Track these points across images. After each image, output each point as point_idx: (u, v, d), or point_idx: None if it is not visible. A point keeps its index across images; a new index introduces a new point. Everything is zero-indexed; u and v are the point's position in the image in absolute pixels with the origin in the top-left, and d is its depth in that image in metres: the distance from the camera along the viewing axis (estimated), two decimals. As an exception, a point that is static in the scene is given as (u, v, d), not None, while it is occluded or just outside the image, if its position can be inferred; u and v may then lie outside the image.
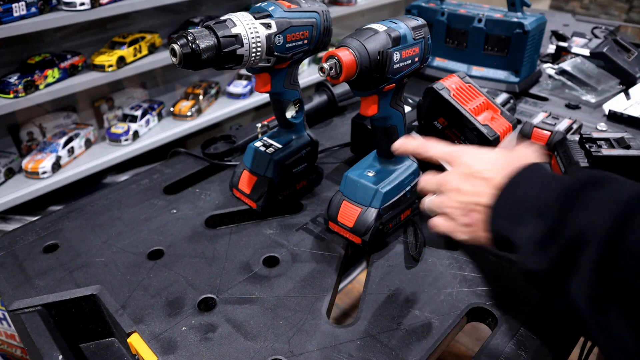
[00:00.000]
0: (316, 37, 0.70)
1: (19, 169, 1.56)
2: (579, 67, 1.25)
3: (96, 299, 0.63)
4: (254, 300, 0.62)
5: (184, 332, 0.57)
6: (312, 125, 1.07)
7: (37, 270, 0.67)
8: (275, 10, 0.64)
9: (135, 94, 1.93)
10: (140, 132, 1.77)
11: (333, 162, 0.93)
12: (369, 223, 0.67)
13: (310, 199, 0.82)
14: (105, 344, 0.65)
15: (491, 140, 0.72)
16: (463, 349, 1.70)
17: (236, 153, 0.96)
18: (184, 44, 0.55)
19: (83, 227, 0.75)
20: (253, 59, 0.61)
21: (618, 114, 1.07)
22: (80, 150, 1.66)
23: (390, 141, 0.68)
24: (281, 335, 0.57)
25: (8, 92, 1.38)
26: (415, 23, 0.62)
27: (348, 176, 0.70)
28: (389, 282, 0.65)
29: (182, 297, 0.62)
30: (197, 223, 0.76)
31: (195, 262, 0.68)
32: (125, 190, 0.84)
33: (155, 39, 1.76)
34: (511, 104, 1.00)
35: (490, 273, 0.66)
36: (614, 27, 1.66)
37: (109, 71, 1.59)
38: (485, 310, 0.61)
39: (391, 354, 0.55)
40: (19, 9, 1.33)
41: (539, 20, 1.15)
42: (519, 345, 0.56)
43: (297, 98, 0.75)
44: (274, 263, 0.68)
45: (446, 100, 0.73)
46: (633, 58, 1.25)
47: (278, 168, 0.75)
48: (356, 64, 0.55)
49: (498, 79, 1.19)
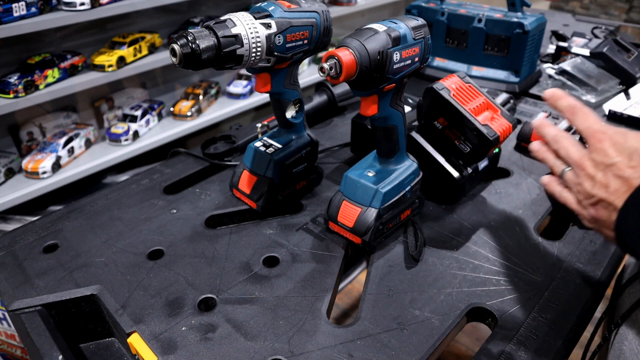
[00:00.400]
0: (316, 37, 0.69)
1: (19, 169, 1.56)
2: (579, 67, 1.25)
3: (96, 299, 0.63)
4: (254, 300, 0.62)
5: (184, 332, 0.57)
6: (312, 125, 1.07)
7: (37, 270, 0.67)
8: (275, 10, 0.64)
9: (135, 94, 1.93)
10: (140, 132, 1.77)
11: (333, 162, 0.93)
12: (369, 223, 0.67)
13: (310, 199, 0.82)
14: (105, 344, 0.65)
15: (491, 141, 0.72)
16: (463, 349, 1.70)
17: (236, 153, 0.96)
18: (184, 44, 0.55)
19: (83, 227, 0.75)
20: (253, 59, 0.61)
21: (618, 114, 1.07)
22: (80, 150, 1.66)
23: (391, 141, 0.68)
24: (281, 335, 0.57)
25: (8, 92, 1.38)
26: (415, 23, 0.62)
27: (348, 176, 0.70)
28: (389, 282, 0.65)
29: (182, 297, 0.62)
30: (197, 223, 0.76)
31: (195, 262, 0.68)
32: (125, 190, 0.84)
33: (155, 39, 1.76)
34: (511, 104, 1.00)
35: (490, 273, 0.66)
36: (614, 27, 1.66)
37: (109, 71, 1.59)
38: (485, 310, 0.61)
39: (391, 354, 0.55)
40: (19, 9, 1.33)
41: (539, 20, 1.15)
42: (519, 345, 0.56)
43: (297, 98, 0.75)
44: (274, 263, 0.68)
45: (446, 100, 0.73)
46: (633, 58, 1.25)
47: (278, 168, 0.75)
48: (356, 64, 0.55)
49: (498, 79, 1.19)
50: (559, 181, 0.58)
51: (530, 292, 0.63)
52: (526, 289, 0.63)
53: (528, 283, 0.64)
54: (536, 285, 0.64)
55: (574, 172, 0.55)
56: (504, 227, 0.75)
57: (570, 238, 0.73)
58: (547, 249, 0.70)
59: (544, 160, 0.60)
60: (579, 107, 0.55)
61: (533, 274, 0.66)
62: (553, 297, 0.62)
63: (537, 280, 0.65)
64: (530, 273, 0.66)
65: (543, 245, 0.71)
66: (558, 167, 0.58)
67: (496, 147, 0.80)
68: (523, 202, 0.81)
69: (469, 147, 0.75)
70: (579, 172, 0.54)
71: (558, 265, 0.67)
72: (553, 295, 0.63)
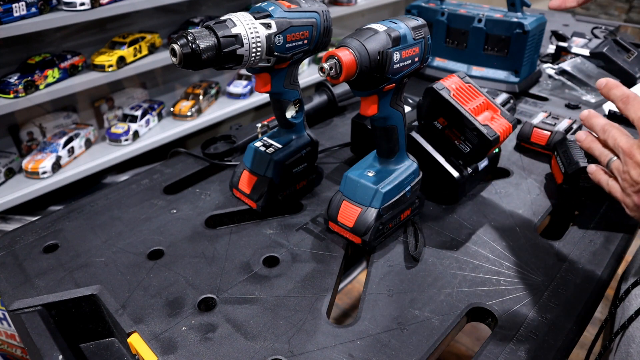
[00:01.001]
0: (316, 37, 0.70)
1: (19, 169, 1.56)
2: (579, 67, 1.25)
3: (96, 299, 0.63)
4: (254, 300, 0.62)
5: (184, 332, 0.57)
6: (312, 125, 1.07)
7: (37, 270, 0.67)
8: (275, 10, 0.64)
9: (135, 94, 1.93)
10: (140, 132, 1.77)
11: (333, 162, 0.93)
12: (369, 223, 0.67)
13: (310, 199, 0.82)
14: (105, 344, 0.65)
15: (491, 141, 0.72)
16: (463, 349, 1.70)
17: (236, 153, 0.96)
18: (184, 44, 0.55)
19: (83, 227, 0.75)
20: (253, 59, 0.61)
21: (618, 114, 1.07)
22: (80, 150, 1.66)
23: (391, 141, 0.68)
24: (281, 335, 0.57)
25: (8, 92, 1.38)
26: (415, 23, 0.62)
27: (348, 176, 0.70)
28: (389, 282, 0.65)
29: (182, 297, 0.62)
30: (197, 223, 0.76)
31: (195, 262, 0.68)
32: (125, 190, 0.84)
33: (155, 39, 1.76)
34: (511, 104, 1.00)
35: (490, 273, 0.66)
36: (614, 27, 1.66)
37: (109, 71, 1.59)
38: (485, 310, 0.61)
39: (391, 354, 0.55)
40: (19, 9, 1.33)
41: (539, 20, 1.15)
42: (519, 345, 0.56)
43: (297, 98, 0.75)
44: (274, 263, 0.68)
45: (446, 100, 0.73)
46: (633, 58, 1.25)
47: (278, 168, 0.75)
48: (356, 64, 0.55)
49: (498, 79, 1.19)
50: (604, 170, 0.61)
51: (530, 292, 0.63)
52: (526, 289, 0.63)
53: (528, 283, 0.64)
54: (536, 285, 0.64)
55: (620, 161, 0.57)
56: (504, 227, 0.75)
57: (570, 238, 0.73)
58: (547, 249, 0.70)
59: (590, 150, 0.61)
60: (632, 97, 0.57)
61: (533, 274, 0.66)
62: (553, 297, 0.62)
63: (537, 280, 0.65)
64: (530, 273, 0.66)
65: (543, 245, 0.71)
66: (605, 156, 0.60)
67: (496, 147, 0.80)
68: (523, 202, 0.81)
69: (469, 147, 0.75)
70: (627, 160, 0.55)
71: (558, 265, 0.67)
72: (553, 295, 0.63)
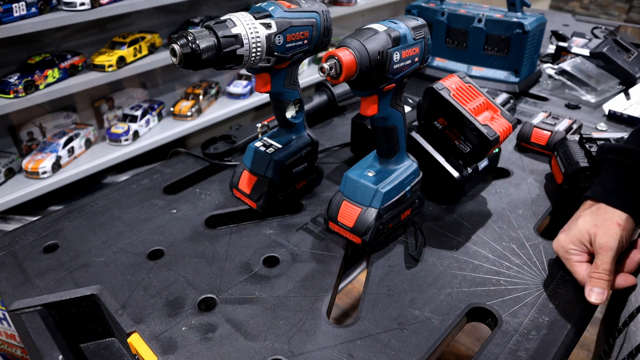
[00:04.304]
0: (316, 37, 0.70)
1: (19, 169, 1.56)
2: (579, 67, 1.25)
3: (96, 299, 0.63)
4: (254, 300, 0.62)
5: (184, 332, 0.57)
6: (312, 125, 1.07)
7: (37, 270, 0.67)
8: (275, 10, 0.64)
9: (135, 94, 1.93)
10: (140, 132, 1.77)
11: (333, 162, 0.93)
12: (369, 223, 0.67)
13: (310, 199, 0.82)
14: (105, 344, 0.65)
15: (491, 141, 0.72)
16: (463, 349, 1.70)
17: (236, 153, 0.96)
18: (184, 44, 0.55)
19: (83, 227, 0.75)
20: (253, 59, 0.61)
21: (618, 114, 1.07)
22: (80, 150, 1.66)
23: (391, 141, 0.68)
24: (281, 335, 0.57)
25: (8, 92, 1.38)
26: (415, 23, 0.62)
27: (348, 176, 0.70)
28: (389, 282, 0.65)
29: (182, 297, 0.62)
30: (197, 223, 0.76)
31: (195, 262, 0.68)
32: (125, 190, 0.84)
33: (155, 39, 1.76)
34: (511, 104, 1.00)
35: (490, 273, 0.66)
36: (614, 27, 1.66)
37: (109, 71, 1.59)
38: (485, 310, 0.61)
39: (391, 354, 0.55)
40: (19, 9, 1.33)
41: (539, 20, 1.15)
42: (519, 345, 0.56)
43: (297, 98, 0.75)
44: (274, 263, 0.68)
45: (446, 100, 0.73)
46: (633, 58, 1.25)
47: (278, 168, 0.75)
48: (356, 64, 0.55)
49: (498, 79, 1.19)
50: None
51: (530, 292, 0.63)
52: (526, 289, 0.63)
53: (528, 283, 0.64)
54: (536, 285, 0.64)
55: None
56: (504, 228, 0.75)
57: (570, 238, 0.73)
58: (547, 249, 0.70)
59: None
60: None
61: (533, 274, 0.66)
62: (553, 297, 0.62)
63: (537, 280, 0.65)
64: (530, 273, 0.66)
65: (543, 245, 0.71)
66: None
67: (496, 147, 0.80)
68: (523, 202, 0.81)
69: (469, 147, 0.75)
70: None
71: (558, 265, 0.67)
72: (553, 295, 0.63)
